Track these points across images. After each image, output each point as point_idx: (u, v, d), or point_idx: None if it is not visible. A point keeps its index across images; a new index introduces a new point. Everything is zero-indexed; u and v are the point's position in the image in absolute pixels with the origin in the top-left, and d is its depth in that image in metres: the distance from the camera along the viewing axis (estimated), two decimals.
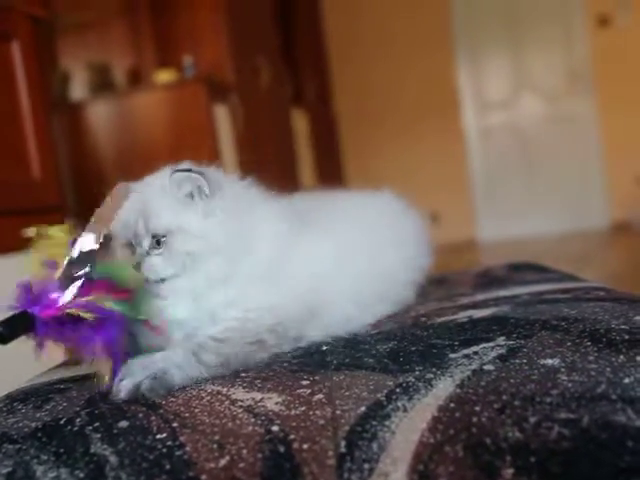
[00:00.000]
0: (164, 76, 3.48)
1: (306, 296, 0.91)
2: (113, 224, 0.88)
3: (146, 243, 0.87)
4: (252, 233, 0.91)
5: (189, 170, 0.87)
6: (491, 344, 0.78)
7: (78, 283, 0.76)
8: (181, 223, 0.87)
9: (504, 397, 0.62)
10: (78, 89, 3.72)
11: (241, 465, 0.58)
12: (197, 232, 0.87)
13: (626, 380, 0.63)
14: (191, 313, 0.88)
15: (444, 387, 0.67)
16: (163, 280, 0.87)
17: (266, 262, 0.90)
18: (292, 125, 5.02)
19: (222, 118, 3.50)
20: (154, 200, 0.89)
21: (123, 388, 0.75)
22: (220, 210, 0.89)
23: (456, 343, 0.80)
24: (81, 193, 3.32)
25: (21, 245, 1.66)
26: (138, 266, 0.86)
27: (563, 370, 0.66)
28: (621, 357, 0.68)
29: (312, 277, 0.93)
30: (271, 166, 4.23)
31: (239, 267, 0.89)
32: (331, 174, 5.62)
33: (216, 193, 0.89)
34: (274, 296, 0.89)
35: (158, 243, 0.87)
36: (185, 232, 0.87)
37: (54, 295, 0.74)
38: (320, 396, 0.69)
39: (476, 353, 0.75)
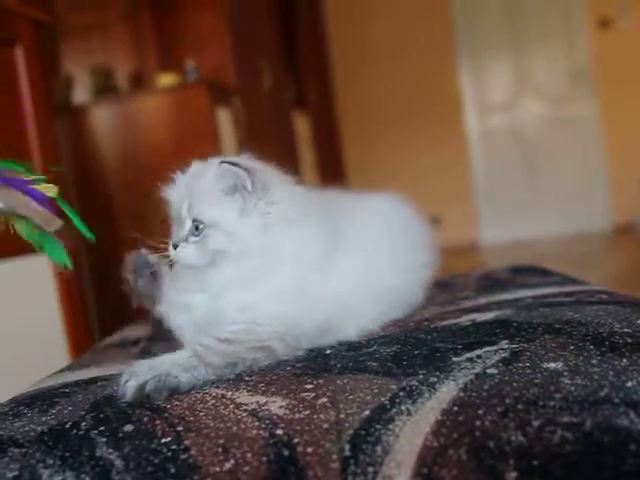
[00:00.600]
0: (166, 80, 3.48)
1: (321, 315, 0.89)
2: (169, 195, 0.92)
3: (187, 226, 0.88)
4: (284, 245, 0.88)
5: (236, 164, 0.86)
6: (494, 348, 0.78)
7: None
8: (218, 218, 0.87)
9: (507, 401, 0.62)
10: (81, 93, 3.72)
11: (246, 469, 0.59)
12: (229, 230, 0.86)
13: (629, 384, 0.63)
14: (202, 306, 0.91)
15: (447, 391, 0.67)
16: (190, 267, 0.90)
17: (290, 278, 0.88)
18: (294, 128, 5.02)
19: (224, 121, 3.50)
20: (200, 187, 0.88)
21: (129, 389, 0.75)
22: (259, 212, 0.87)
23: (459, 347, 0.81)
24: (84, 196, 3.33)
25: (25, 249, 1.67)
26: (174, 247, 0.88)
27: (566, 374, 0.67)
28: (624, 361, 0.69)
29: (331, 298, 0.90)
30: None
31: (262, 274, 0.87)
32: (333, 176, 5.62)
33: (259, 193, 0.87)
34: (289, 308, 0.87)
35: (197, 229, 0.87)
36: (219, 228, 0.86)
37: None
38: (324, 400, 0.69)
39: (479, 357, 0.76)
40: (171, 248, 0.89)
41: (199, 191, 0.88)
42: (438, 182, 5.88)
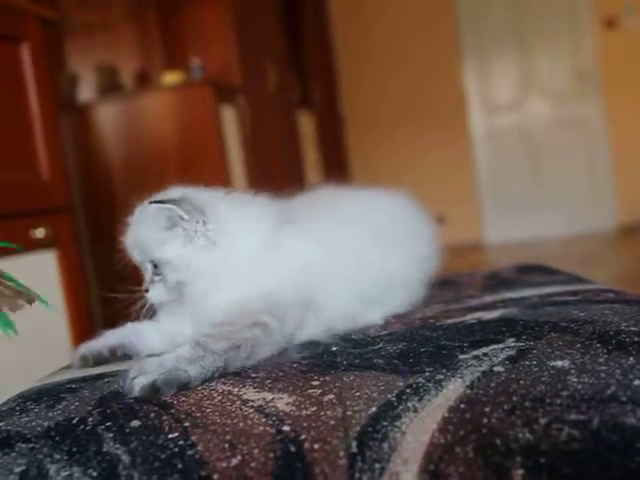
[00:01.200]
0: (171, 78, 3.48)
1: (296, 286, 0.92)
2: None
3: (149, 268, 0.94)
4: (236, 246, 0.93)
5: (164, 201, 0.90)
6: (501, 346, 0.78)
7: None
8: (165, 255, 0.91)
9: (514, 398, 0.62)
10: (86, 91, 3.73)
11: (253, 464, 0.59)
12: (179, 263, 0.91)
13: (636, 382, 0.63)
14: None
15: (454, 388, 0.67)
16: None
17: (253, 265, 0.92)
18: (299, 127, 5.03)
19: (229, 120, 3.50)
20: (143, 229, 0.93)
21: (137, 385, 0.75)
22: (200, 235, 0.91)
23: (465, 344, 0.81)
24: (89, 194, 3.33)
25: (31, 245, 1.67)
26: (147, 291, 0.94)
27: (573, 372, 0.67)
28: (631, 359, 0.68)
29: (299, 269, 0.94)
30: (278, 168, 4.24)
31: (227, 274, 0.92)
32: (337, 175, 5.61)
33: (197, 217, 0.91)
34: (263, 285, 0.91)
35: (156, 267, 0.93)
36: (170, 264, 0.91)
37: None
38: (331, 396, 0.69)
39: (486, 354, 0.76)
40: (145, 293, 0.95)
41: (143, 235, 0.93)
42: (443, 181, 5.88)
